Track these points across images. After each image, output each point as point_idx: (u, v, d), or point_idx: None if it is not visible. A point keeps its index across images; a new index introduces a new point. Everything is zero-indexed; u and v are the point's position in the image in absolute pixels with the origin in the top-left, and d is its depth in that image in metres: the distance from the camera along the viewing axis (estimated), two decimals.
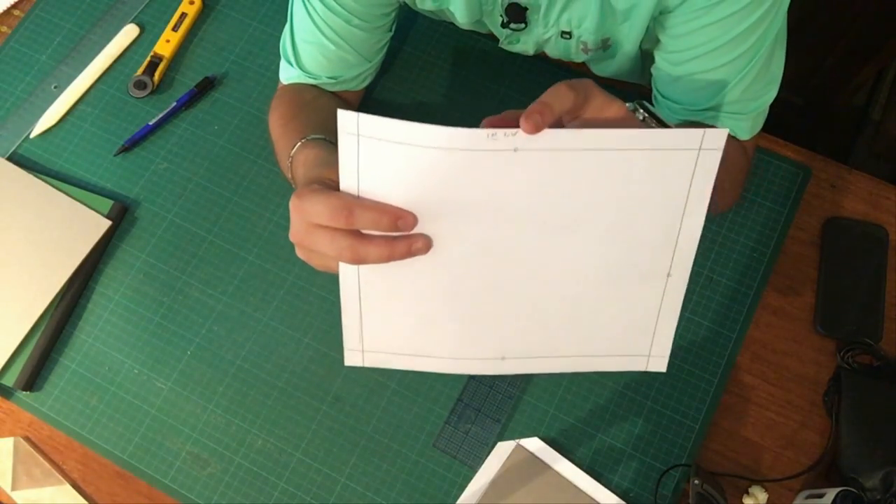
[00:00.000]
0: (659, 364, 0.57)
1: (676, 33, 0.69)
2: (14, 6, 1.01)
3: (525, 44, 0.81)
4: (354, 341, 0.56)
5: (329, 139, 0.68)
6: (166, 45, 0.95)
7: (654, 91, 0.77)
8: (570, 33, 0.75)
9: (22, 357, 0.84)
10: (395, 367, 0.56)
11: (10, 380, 0.84)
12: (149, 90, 0.94)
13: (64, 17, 0.99)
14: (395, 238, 0.50)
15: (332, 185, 0.52)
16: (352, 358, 0.56)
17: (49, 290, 0.86)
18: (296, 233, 0.52)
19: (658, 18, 0.70)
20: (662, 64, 0.72)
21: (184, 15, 0.96)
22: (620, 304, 0.54)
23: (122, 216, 0.90)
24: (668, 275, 0.53)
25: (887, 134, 1.51)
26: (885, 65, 1.45)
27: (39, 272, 0.86)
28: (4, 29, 1.00)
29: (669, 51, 0.71)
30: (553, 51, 0.81)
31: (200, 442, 0.82)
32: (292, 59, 0.79)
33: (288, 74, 0.81)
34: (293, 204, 0.52)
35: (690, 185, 0.50)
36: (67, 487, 0.81)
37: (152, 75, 0.94)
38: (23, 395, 0.84)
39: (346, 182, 0.50)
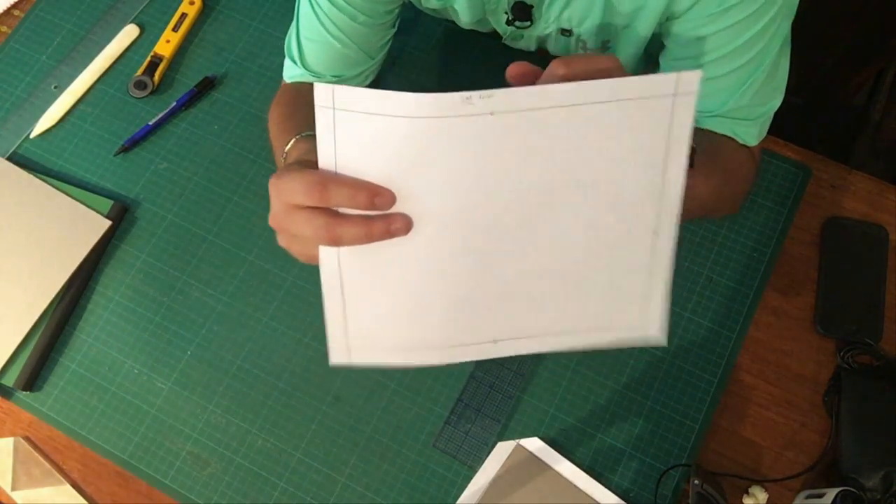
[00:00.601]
0: (655, 333, 0.53)
1: (684, 40, 0.68)
2: (14, 6, 1.01)
3: (528, 40, 0.81)
4: (339, 338, 0.52)
5: None
6: (166, 45, 0.95)
7: None
8: (570, 31, 0.75)
9: (22, 357, 0.84)
10: (385, 363, 0.53)
11: (10, 380, 0.84)
12: (149, 90, 0.94)
13: (64, 17, 0.99)
14: (372, 217, 0.48)
15: (311, 166, 0.50)
16: (337, 356, 0.52)
17: (49, 290, 0.86)
18: (274, 215, 0.51)
19: (664, 24, 0.69)
20: (668, 70, 0.72)
21: (184, 15, 0.96)
22: (610, 272, 0.52)
23: (122, 216, 0.90)
24: (655, 233, 0.50)
25: (887, 134, 1.50)
26: (885, 65, 1.45)
27: (39, 272, 0.86)
28: (4, 29, 1.00)
29: (676, 57, 0.70)
30: (553, 48, 0.81)
31: (200, 442, 0.82)
32: (296, 58, 0.79)
33: (291, 73, 0.81)
34: (271, 184, 0.50)
35: (669, 134, 0.48)
36: (67, 487, 0.81)
37: (152, 75, 0.94)
38: (23, 395, 0.84)
39: (324, 159, 0.48)
